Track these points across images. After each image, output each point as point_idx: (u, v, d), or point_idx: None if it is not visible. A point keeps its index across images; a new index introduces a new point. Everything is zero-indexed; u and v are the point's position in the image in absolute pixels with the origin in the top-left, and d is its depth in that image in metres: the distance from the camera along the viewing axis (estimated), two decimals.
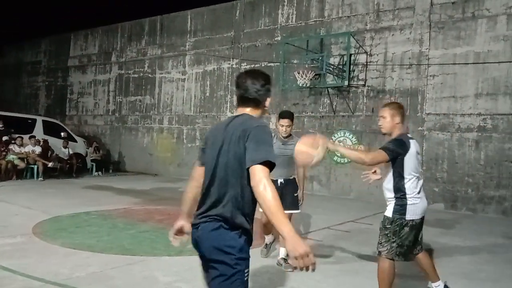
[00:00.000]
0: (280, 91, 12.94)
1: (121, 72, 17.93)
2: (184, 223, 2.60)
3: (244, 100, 2.49)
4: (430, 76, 10.60)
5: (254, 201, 2.21)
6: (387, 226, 3.68)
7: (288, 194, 4.74)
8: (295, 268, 1.98)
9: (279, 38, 13.22)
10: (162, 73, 16.53)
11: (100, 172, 15.74)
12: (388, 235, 3.66)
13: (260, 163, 2.09)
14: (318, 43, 12.18)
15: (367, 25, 11.64)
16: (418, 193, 3.66)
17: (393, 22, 11.21)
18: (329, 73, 11.76)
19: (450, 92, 10.34)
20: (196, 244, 2.44)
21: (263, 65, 13.57)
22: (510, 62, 9.57)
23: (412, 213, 3.61)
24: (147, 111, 16.98)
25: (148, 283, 4.36)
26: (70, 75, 19.86)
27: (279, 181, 4.84)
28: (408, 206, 3.60)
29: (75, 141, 15.91)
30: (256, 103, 2.46)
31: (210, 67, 15.07)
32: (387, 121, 3.75)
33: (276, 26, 13.43)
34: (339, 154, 11.79)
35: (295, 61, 12.37)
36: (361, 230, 7.49)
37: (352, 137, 11.71)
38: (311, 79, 11.35)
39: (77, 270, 4.61)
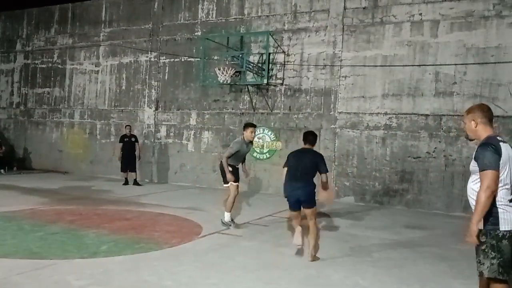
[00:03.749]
0: (200, 87, 12.88)
1: (27, 62, 16.58)
2: None
3: (310, 142, 5.87)
4: (342, 77, 11.19)
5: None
6: (482, 240, 3.22)
7: (238, 173, 7.39)
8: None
9: (199, 33, 13.11)
10: (73, 64, 15.57)
11: (2, 170, 14.53)
12: (485, 250, 3.21)
13: (326, 172, 5.54)
14: (238, 41, 12.28)
15: (285, 25, 11.97)
16: (510, 201, 3.25)
17: (309, 24, 11.66)
18: (249, 71, 11.91)
19: (360, 93, 11.01)
20: (298, 196, 5.53)
21: (183, 60, 13.38)
22: (413, 65, 10.43)
23: (506, 222, 3.19)
24: (56, 104, 15.90)
25: None
26: None
27: (237, 166, 7.37)
28: (500, 215, 3.20)
29: None
30: (314, 144, 5.91)
31: (126, 60, 14.50)
32: None
33: (196, 21, 13.29)
34: (260, 155, 12.02)
35: (215, 57, 12.35)
36: (279, 224, 7.73)
37: (271, 134, 11.99)
38: (231, 76, 11.41)
39: None
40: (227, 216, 7.13)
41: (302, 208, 5.57)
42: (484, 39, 9.77)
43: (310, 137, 5.82)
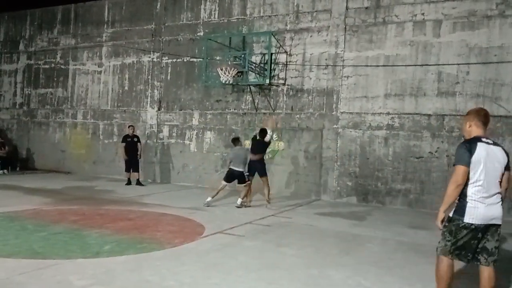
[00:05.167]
0: (202, 87, 12.89)
1: (30, 62, 16.64)
2: None
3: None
4: (345, 77, 11.18)
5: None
6: (446, 224, 3.79)
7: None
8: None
9: (201, 34, 13.12)
10: (76, 64, 15.61)
11: (5, 170, 14.59)
12: (445, 232, 3.77)
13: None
14: (241, 41, 12.29)
15: (287, 26, 11.97)
16: (485, 198, 3.63)
17: (311, 24, 11.65)
18: (251, 71, 11.92)
19: (362, 92, 11.00)
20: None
21: (185, 60, 13.41)
22: (415, 65, 10.41)
23: (471, 216, 3.62)
24: (59, 104, 15.95)
25: None
26: None
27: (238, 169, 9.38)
28: (467, 208, 3.64)
29: None
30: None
31: (129, 60, 14.53)
32: None
33: (199, 22, 13.31)
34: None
35: (217, 58, 12.37)
36: (281, 224, 7.73)
37: (273, 134, 11.96)
38: (234, 76, 11.42)
39: None
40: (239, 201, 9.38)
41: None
42: (487, 39, 9.75)
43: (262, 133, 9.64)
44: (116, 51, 14.80)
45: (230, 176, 9.34)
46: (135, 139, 12.49)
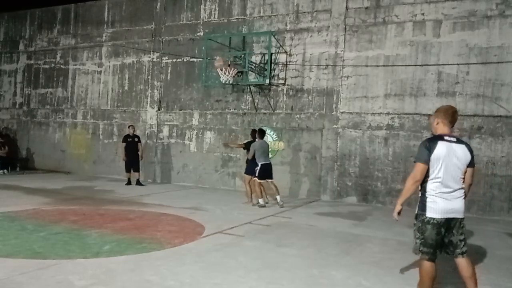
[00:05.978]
0: (202, 87, 12.89)
1: (30, 62, 16.64)
2: None
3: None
4: (345, 76, 11.18)
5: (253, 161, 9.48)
6: (414, 222, 3.95)
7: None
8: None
9: (201, 34, 13.12)
10: (76, 64, 15.61)
11: (5, 170, 14.59)
12: (415, 231, 3.92)
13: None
14: (241, 41, 12.30)
15: (287, 26, 11.97)
16: (444, 193, 3.75)
17: (311, 24, 11.65)
18: (251, 71, 11.93)
19: (362, 92, 11.00)
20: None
21: (185, 60, 13.40)
22: (415, 65, 10.41)
23: (432, 211, 3.76)
24: (59, 104, 15.95)
25: None
26: None
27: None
28: (427, 203, 3.80)
29: None
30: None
31: (129, 60, 14.53)
32: None
33: (199, 22, 13.31)
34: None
35: (217, 58, 12.35)
36: (281, 224, 7.73)
37: (273, 134, 11.99)
38: (233, 76, 11.43)
39: None
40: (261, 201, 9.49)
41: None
42: (487, 39, 9.75)
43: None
44: (116, 51, 14.79)
45: (266, 172, 9.43)
46: (136, 139, 12.49)
